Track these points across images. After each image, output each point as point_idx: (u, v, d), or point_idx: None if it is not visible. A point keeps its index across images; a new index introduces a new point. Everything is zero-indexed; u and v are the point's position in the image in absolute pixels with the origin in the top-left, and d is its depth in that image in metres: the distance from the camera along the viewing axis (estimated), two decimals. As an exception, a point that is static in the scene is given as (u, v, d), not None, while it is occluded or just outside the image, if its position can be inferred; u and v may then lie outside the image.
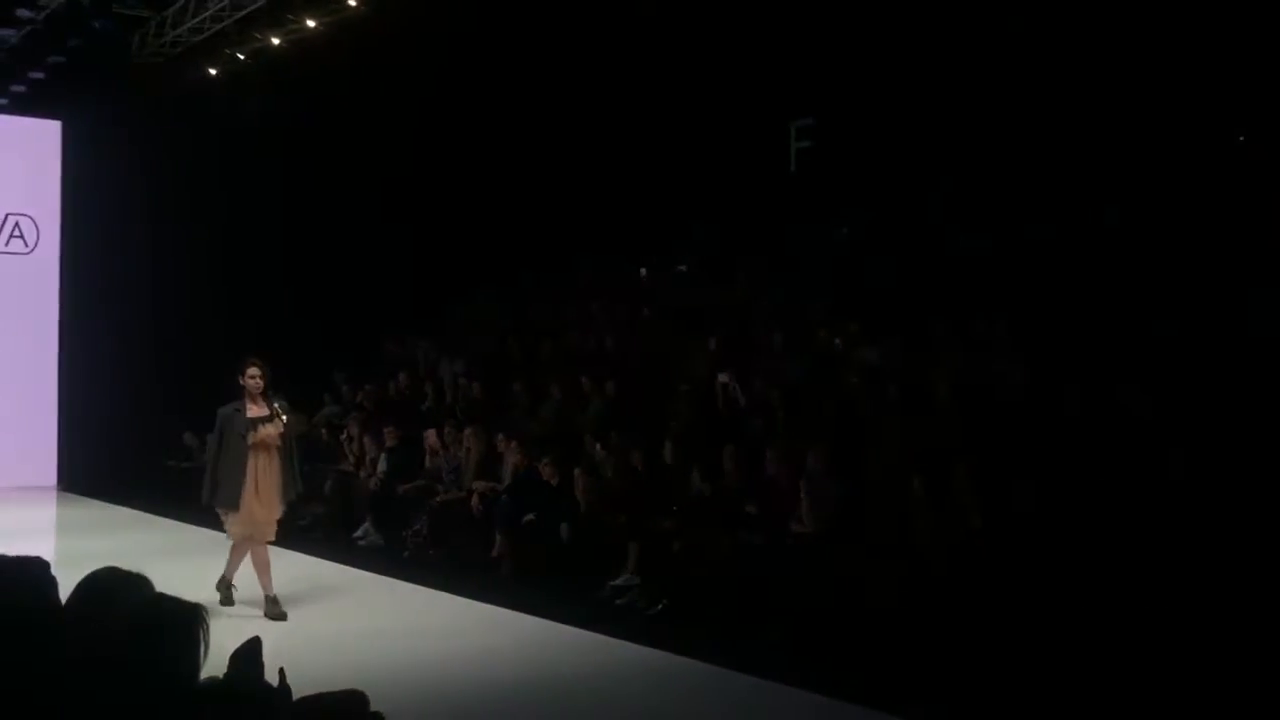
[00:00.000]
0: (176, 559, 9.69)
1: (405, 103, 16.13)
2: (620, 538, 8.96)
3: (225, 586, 8.39)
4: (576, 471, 9.71)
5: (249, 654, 3.26)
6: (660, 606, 8.51)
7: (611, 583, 8.76)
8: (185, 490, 14.51)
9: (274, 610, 8.08)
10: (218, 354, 15.31)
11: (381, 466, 12.09)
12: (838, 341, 10.17)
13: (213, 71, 16.27)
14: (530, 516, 9.85)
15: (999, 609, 6.53)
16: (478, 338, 14.75)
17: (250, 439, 8.03)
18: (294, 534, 11.78)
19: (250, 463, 8.04)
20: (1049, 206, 10.60)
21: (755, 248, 13.67)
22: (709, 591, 8.31)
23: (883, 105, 13.72)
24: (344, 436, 12.97)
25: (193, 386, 15.50)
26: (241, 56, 15.93)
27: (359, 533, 11.71)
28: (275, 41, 15.47)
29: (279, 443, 8.17)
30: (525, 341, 13.88)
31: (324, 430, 13.49)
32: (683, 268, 14.13)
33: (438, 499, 11.18)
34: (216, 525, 8.59)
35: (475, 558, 10.42)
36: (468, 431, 11.45)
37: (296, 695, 2.81)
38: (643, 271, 14.56)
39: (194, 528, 11.50)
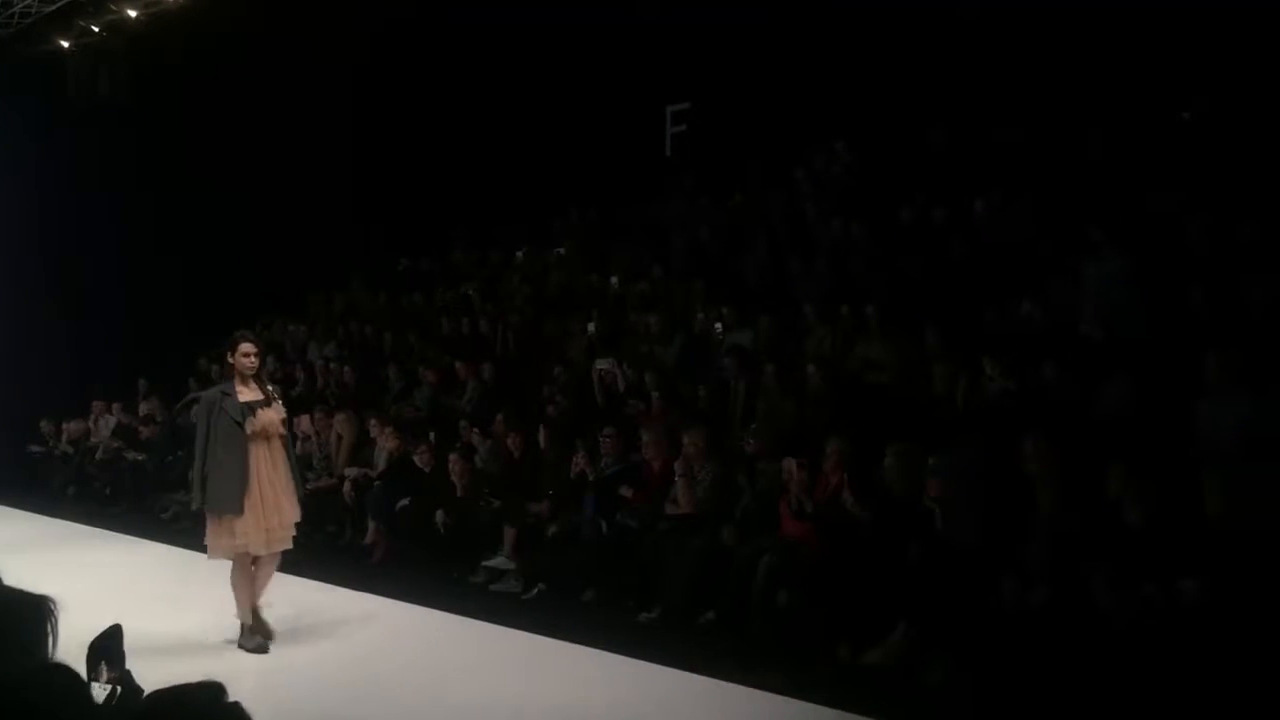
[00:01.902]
0: (31, 552, 9.28)
1: (276, 83, 15.71)
2: (496, 523, 8.91)
3: (249, 632, 6.92)
4: (452, 457, 9.62)
5: (104, 645, 3.13)
6: (536, 590, 8.50)
7: (485, 563, 8.71)
8: (46, 479, 14.13)
9: (252, 640, 6.85)
10: (77, 341, 15.19)
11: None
12: (719, 326, 10.24)
13: (65, 44, 15.59)
14: (405, 502, 9.74)
15: (871, 586, 6.67)
16: (350, 322, 14.48)
17: (249, 427, 6.74)
18: (152, 526, 11.48)
19: (253, 456, 6.72)
20: (920, 192, 10.86)
21: (632, 231, 13.70)
22: (585, 575, 8.32)
23: (758, 89, 13.85)
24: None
25: (50, 374, 15.10)
26: (96, 29, 15.30)
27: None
28: (132, 14, 14.89)
29: (282, 430, 6.96)
30: (399, 325, 13.68)
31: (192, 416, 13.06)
32: (560, 250, 14.08)
33: (308, 486, 10.94)
34: (78, 517, 8.01)
35: (348, 545, 10.27)
36: (339, 417, 11.27)
37: (149, 691, 2.70)
38: (518, 254, 14.45)
39: (51, 520, 11.07)
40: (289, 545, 6.95)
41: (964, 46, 11.83)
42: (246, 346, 6.96)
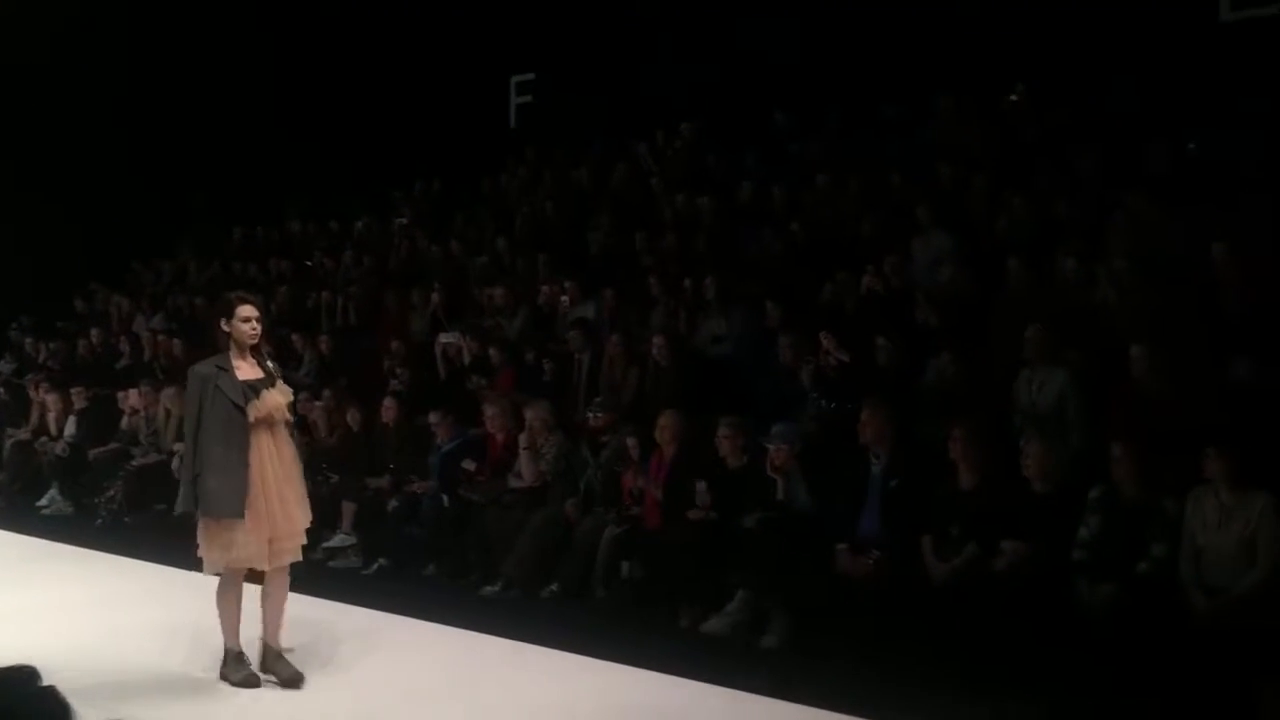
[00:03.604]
0: None
1: (99, 45, 14.93)
2: (334, 498, 8.73)
3: (236, 660, 5.71)
4: (288, 430, 9.36)
5: None
6: (377, 566, 8.38)
7: (325, 544, 8.52)
8: None
9: (287, 670, 5.63)
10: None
11: (69, 430, 11.27)
12: (565, 299, 10.23)
13: None
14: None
15: (711, 556, 6.79)
16: (179, 293, 13.94)
17: (252, 412, 5.44)
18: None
19: (255, 448, 5.44)
20: (764, 167, 11.06)
21: (475, 202, 13.55)
22: (426, 549, 8.24)
23: (603, 61, 13.84)
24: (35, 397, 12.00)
25: None
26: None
27: (43, 501, 10.90)
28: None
29: (289, 416, 5.68)
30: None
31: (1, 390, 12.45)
32: (402, 221, 13.81)
33: (135, 462, 10.57)
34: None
35: (177, 523, 9.95)
36: (168, 391, 10.87)
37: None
38: (358, 225, 14.12)
39: None
40: (298, 557, 5.65)
41: (803, 28, 12.06)
42: (247, 309, 5.53)
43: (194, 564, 5.77)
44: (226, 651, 5.72)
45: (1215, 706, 4.90)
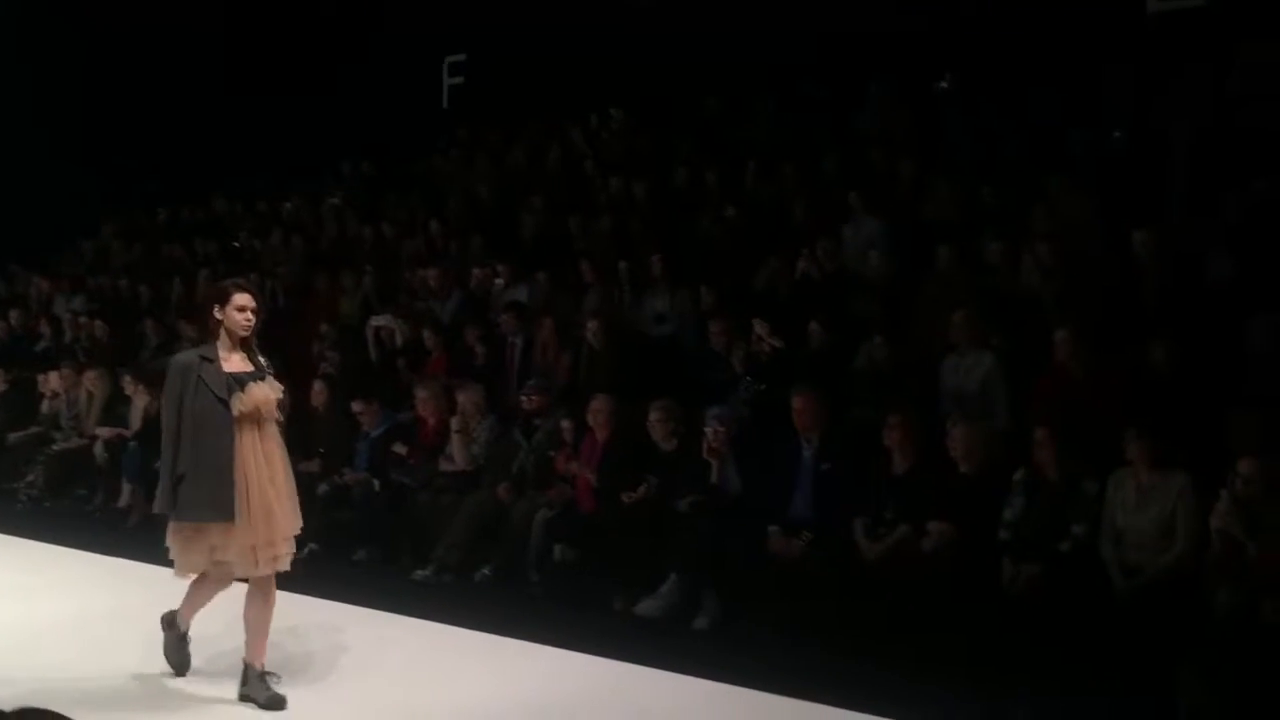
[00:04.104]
0: None
1: (16, 24, 14.51)
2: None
3: (179, 640, 5.48)
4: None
5: None
6: (306, 551, 8.26)
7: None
8: None
9: (264, 695, 5.15)
10: None
11: (-12, 414, 10.99)
12: (498, 281, 10.17)
13: None
14: (163, 463, 9.29)
15: (644, 538, 6.82)
16: (101, 274, 13.63)
17: (237, 407, 5.06)
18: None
19: (240, 446, 5.03)
20: (697, 150, 11.09)
21: (408, 184, 13.41)
22: (356, 534, 8.17)
23: (535, 43, 13.75)
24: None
25: None
26: None
27: (-39, 486, 10.62)
28: None
29: (279, 414, 5.26)
30: (156, 277, 12.97)
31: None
32: (334, 202, 13.63)
33: (55, 447, 10.36)
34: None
35: (101, 509, 9.76)
36: (90, 374, 10.68)
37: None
38: (288, 205, 13.90)
39: None
40: (285, 566, 5.18)
41: (735, 14, 12.08)
42: (242, 298, 5.16)
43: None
44: (174, 621, 5.48)
45: (1134, 681, 5.03)
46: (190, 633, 5.52)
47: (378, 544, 8.07)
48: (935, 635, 5.52)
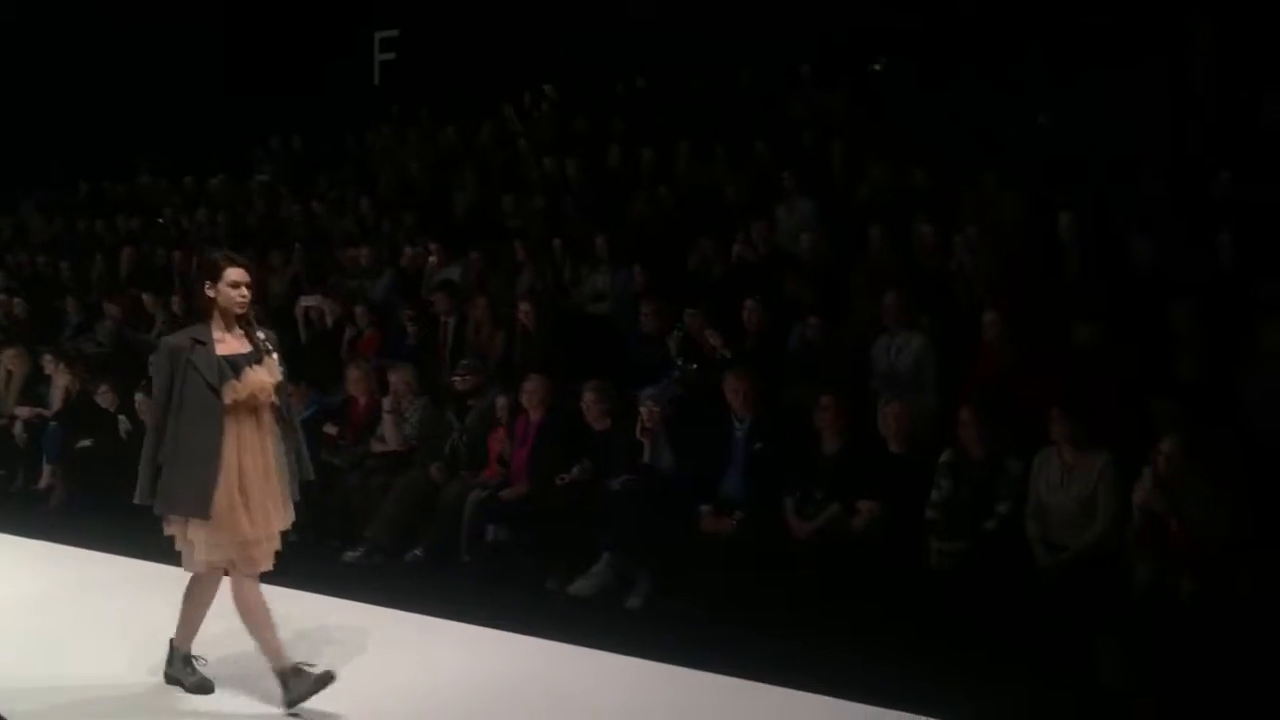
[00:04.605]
0: None
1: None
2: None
3: (184, 662, 5.06)
4: (139, 395, 9.03)
5: None
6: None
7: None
8: None
9: (299, 684, 4.76)
10: None
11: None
12: (432, 259, 10.07)
13: None
14: (87, 443, 9.11)
15: (576, 518, 6.82)
16: (19, 250, 13.27)
17: (228, 394, 4.59)
18: None
19: (230, 435, 4.61)
20: (630, 130, 11.07)
21: (338, 161, 13.22)
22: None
23: (468, 18, 13.60)
24: None
25: None
26: None
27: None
28: None
29: (275, 399, 4.74)
30: (77, 254, 12.66)
31: None
32: (262, 177, 13.40)
33: (-26, 430, 10.09)
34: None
35: (21, 490, 9.55)
36: (8, 352, 10.46)
37: None
38: (214, 181, 13.63)
39: None
40: (268, 565, 4.80)
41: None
42: (236, 273, 4.71)
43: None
44: (173, 650, 5.04)
45: (1056, 656, 5.14)
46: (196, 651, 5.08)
47: (306, 526, 7.96)
48: (864, 613, 5.59)
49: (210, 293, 4.71)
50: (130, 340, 10.61)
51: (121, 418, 9.06)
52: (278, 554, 4.84)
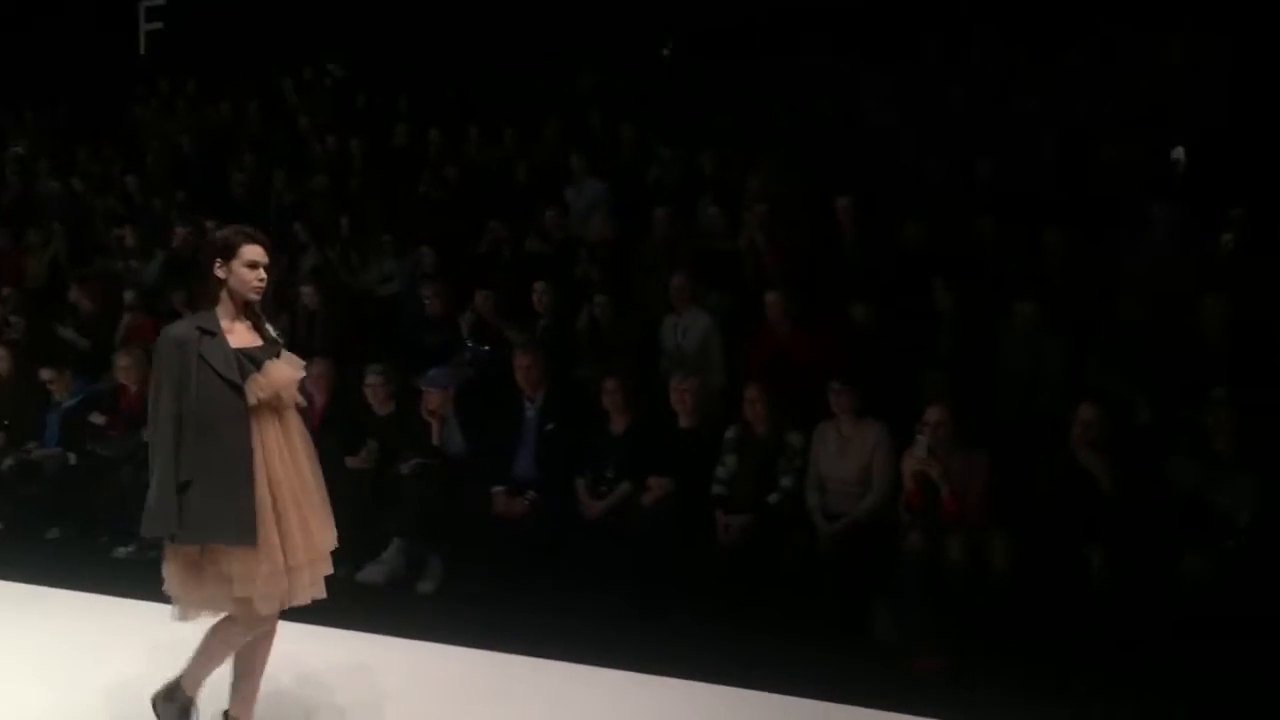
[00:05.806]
0: None
1: None
2: None
3: (180, 714, 4.17)
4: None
5: None
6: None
7: None
8: None
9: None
10: None
11: None
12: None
13: None
14: None
15: (366, 504, 6.67)
16: None
17: (253, 392, 3.82)
18: None
19: (262, 442, 3.84)
20: (416, 109, 10.87)
21: (101, 135, 12.46)
22: (48, 510, 7.61)
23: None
24: None
25: None
26: None
27: None
28: None
29: (301, 399, 4.06)
30: None
31: None
32: (18, 150, 12.49)
33: None
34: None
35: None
36: None
37: None
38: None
39: None
40: (321, 593, 4.03)
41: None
42: (253, 250, 3.92)
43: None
44: (177, 689, 4.20)
45: (836, 620, 5.38)
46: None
47: (73, 521, 7.53)
48: (655, 586, 5.70)
49: (221, 273, 3.89)
50: None
51: None
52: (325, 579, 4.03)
